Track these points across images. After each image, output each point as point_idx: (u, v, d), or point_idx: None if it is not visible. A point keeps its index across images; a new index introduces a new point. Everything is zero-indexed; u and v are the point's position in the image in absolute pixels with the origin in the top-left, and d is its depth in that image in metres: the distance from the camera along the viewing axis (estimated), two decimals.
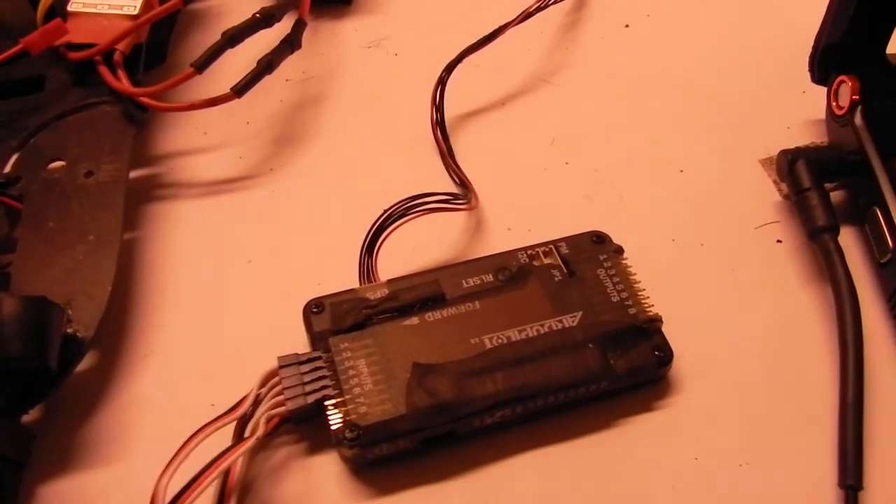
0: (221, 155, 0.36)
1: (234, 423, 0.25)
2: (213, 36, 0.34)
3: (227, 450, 0.24)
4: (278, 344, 0.27)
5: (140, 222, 0.33)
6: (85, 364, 0.28)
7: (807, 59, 0.35)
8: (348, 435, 0.25)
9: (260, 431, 0.25)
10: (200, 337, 0.30)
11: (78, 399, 0.28)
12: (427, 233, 0.31)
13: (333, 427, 0.25)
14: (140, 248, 0.32)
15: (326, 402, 0.26)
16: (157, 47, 0.38)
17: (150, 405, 0.28)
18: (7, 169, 0.32)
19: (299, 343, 0.28)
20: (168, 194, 0.34)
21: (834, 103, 0.34)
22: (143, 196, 0.34)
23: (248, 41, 0.34)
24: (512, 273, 0.29)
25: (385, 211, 0.30)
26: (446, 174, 0.35)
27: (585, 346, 0.27)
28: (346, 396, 0.26)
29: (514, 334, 0.27)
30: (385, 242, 0.29)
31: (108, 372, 0.29)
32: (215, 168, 0.35)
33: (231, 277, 0.32)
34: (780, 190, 0.34)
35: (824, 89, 0.34)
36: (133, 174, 0.33)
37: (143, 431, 0.27)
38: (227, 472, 0.24)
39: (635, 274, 0.29)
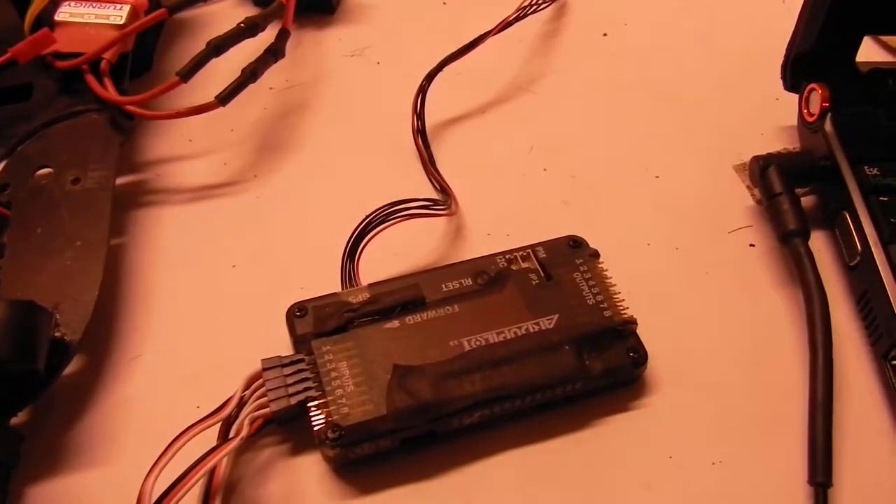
0: (206, 162, 0.36)
1: (219, 425, 0.26)
2: (197, 44, 0.34)
3: (213, 450, 0.25)
4: (262, 347, 0.28)
5: (126, 228, 0.34)
6: (73, 367, 0.29)
7: (779, 68, 0.36)
8: (331, 435, 0.25)
9: (244, 432, 0.26)
10: (186, 340, 0.30)
11: (66, 401, 0.28)
12: (408, 238, 0.32)
13: (316, 427, 0.26)
14: (126, 253, 0.33)
15: (309, 404, 0.26)
16: (142, 56, 0.38)
17: (136, 407, 0.28)
18: None
19: (282, 346, 0.29)
20: (154, 200, 0.35)
21: (805, 110, 0.34)
22: (129, 202, 0.34)
23: (232, 50, 0.35)
24: (490, 277, 0.30)
25: (366, 216, 0.30)
26: (427, 180, 0.35)
27: (561, 347, 0.28)
28: (329, 398, 0.26)
29: (493, 336, 0.28)
30: (366, 247, 0.30)
31: (96, 375, 0.29)
32: (200, 175, 0.36)
33: (216, 282, 0.32)
34: (752, 195, 0.35)
35: (796, 97, 0.35)
36: (119, 181, 0.34)
37: (130, 433, 0.28)
38: (212, 472, 0.25)
39: (611, 277, 0.30)
